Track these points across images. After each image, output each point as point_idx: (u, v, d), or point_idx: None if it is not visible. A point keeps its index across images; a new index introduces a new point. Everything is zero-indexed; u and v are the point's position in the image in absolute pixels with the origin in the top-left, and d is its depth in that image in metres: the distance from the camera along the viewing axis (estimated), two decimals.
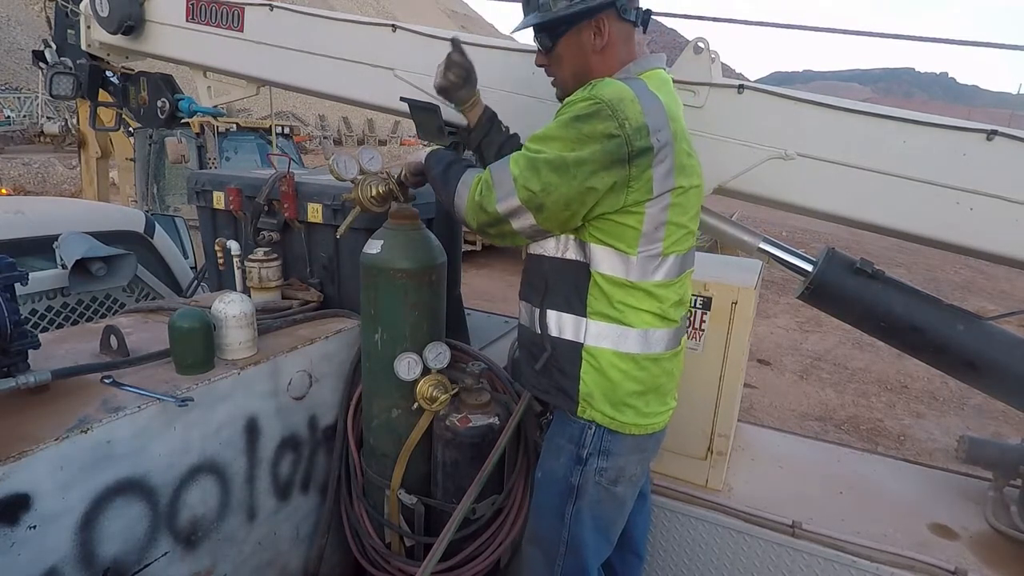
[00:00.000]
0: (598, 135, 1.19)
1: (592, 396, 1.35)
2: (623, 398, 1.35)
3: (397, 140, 31.82)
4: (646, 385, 1.36)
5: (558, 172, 1.20)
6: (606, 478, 1.39)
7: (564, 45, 1.38)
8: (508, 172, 1.25)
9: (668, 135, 1.23)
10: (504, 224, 1.28)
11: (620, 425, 1.36)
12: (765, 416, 5.06)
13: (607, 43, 1.34)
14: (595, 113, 1.19)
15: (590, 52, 1.35)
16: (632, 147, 1.19)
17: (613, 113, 1.18)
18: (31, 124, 21.54)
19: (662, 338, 1.36)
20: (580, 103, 1.22)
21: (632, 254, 1.28)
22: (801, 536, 1.65)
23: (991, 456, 1.80)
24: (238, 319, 1.63)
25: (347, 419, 1.92)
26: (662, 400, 1.42)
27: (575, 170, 1.19)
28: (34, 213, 2.25)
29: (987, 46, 1.74)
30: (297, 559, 1.92)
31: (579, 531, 1.43)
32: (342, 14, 2.10)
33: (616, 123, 1.18)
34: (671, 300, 1.36)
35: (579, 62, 1.37)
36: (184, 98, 2.59)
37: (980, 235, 1.47)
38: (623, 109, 1.19)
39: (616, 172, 1.20)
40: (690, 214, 1.35)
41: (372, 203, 1.72)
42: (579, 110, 1.21)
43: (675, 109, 1.31)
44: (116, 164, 6.47)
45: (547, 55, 1.42)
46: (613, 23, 1.34)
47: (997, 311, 2.33)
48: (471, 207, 1.31)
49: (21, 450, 1.16)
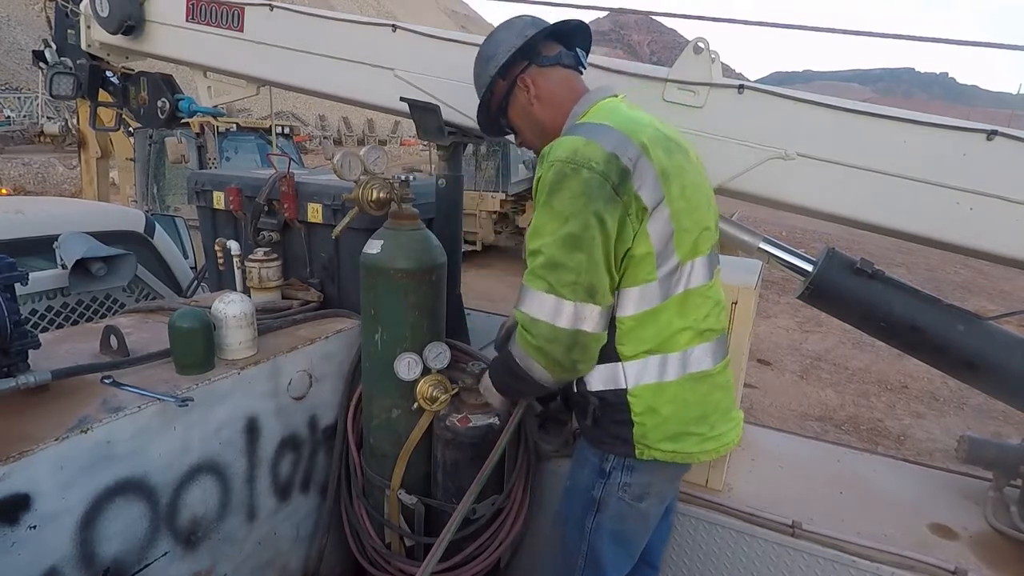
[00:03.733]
0: (578, 192, 1.17)
1: (647, 437, 1.29)
2: (682, 428, 1.30)
3: (397, 140, 31.83)
4: (703, 408, 1.32)
5: (576, 247, 1.17)
6: (630, 494, 1.36)
7: (512, 115, 1.46)
8: (536, 294, 1.21)
9: (635, 150, 1.21)
10: (580, 337, 1.20)
11: (685, 456, 1.31)
12: (765, 416, 5.06)
13: (541, 94, 1.39)
14: (562, 177, 1.19)
15: (531, 108, 1.41)
16: (612, 179, 1.18)
17: (577, 165, 1.18)
18: (31, 124, 21.53)
19: (705, 353, 1.31)
20: (545, 177, 1.22)
21: (653, 279, 1.24)
22: (801, 536, 1.65)
23: (991, 456, 1.79)
24: (238, 319, 1.63)
25: (347, 419, 1.92)
26: (727, 417, 1.37)
27: (586, 233, 1.17)
28: (34, 213, 2.25)
29: (987, 46, 1.74)
30: (297, 559, 1.92)
31: (598, 544, 1.41)
32: (342, 14, 2.10)
33: (585, 170, 1.17)
34: (704, 310, 1.31)
35: (529, 121, 1.44)
36: (184, 98, 2.59)
37: (980, 235, 1.47)
38: (583, 156, 1.18)
39: (613, 208, 1.18)
40: (697, 213, 1.29)
41: (371, 207, 1.73)
42: (548, 185, 1.21)
43: (633, 125, 1.27)
44: (116, 164, 6.47)
45: (513, 132, 1.51)
46: (537, 75, 1.39)
47: (997, 311, 2.33)
48: (541, 357, 1.23)
49: (21, 450, 1.16)
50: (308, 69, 2.11)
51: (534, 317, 1.21)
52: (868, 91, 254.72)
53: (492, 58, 1.41)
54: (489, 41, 1.45)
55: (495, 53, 1.41)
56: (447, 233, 1.97)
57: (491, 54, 1.41)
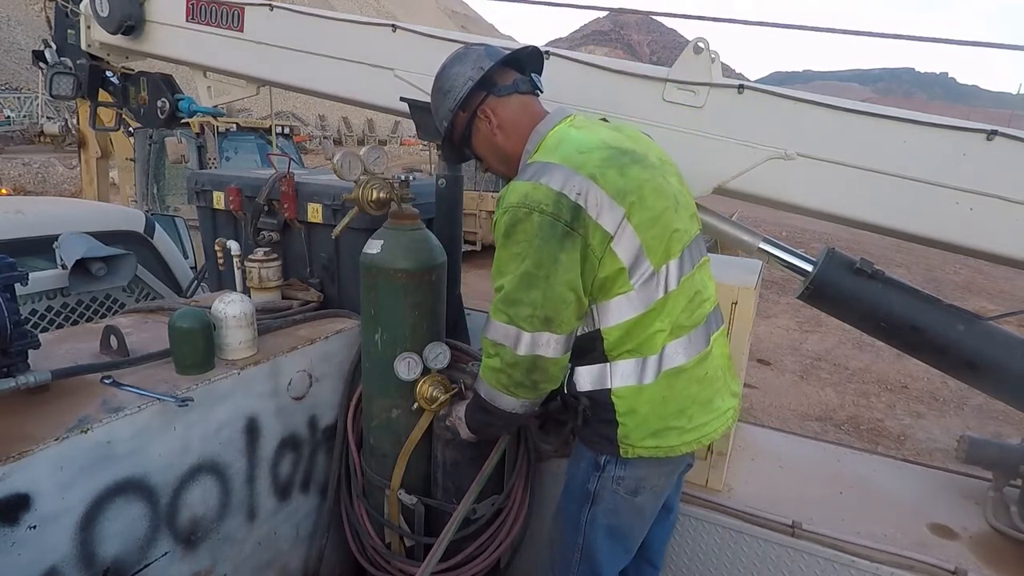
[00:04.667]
0: (532, 234, 1.23)
1: (629, 436, 1.33)
2: (663, 424, 1.33)
3: (397, 140, 31.86)
4: (680, 402, 1.34)
5: (531, 284, 1.24)
6: (624, 487, 1.37)
7: (476, 144, 1.48)
8: (498, 325, 1.29)
9: (582, 181, 1.23)
10: (539, 361, 1.28)
11: (668, 450, 1.34)
12: (765, 416, 5.07)
13: (502, 123, 1.42)
14: (516, 222, 1.25)
15: (494, 138, 1.44)
16: (562, 218, 1.22)
17: (528, 210, 1.23)
18: (31, 124, 21.54)
19: (677, 349, 1.33)
20: (500, 221, 1.29)
21: (629, 290, 1.28)
22: (801, 536, 1.65)
23: (991, 456, 1.79)
24: (238, 319, 1.63)
25: (347, 419, 1.92)
26: (707, 408, 1.38)
27: (541, 271, 1.23)
28: (34, 213, 2.25)
29: (987, 46, 1.74)
30: (297, 559, 1.92)
31: (593, 537, 1.42)
32: (342, 14, 2.10)
33: (537, 214, 1.22)
34: (680, 305, 1.33)
35: (492, 150, 1.46)
36: (184, 98, 2.59)
37: (980, 235, 1.47)
38: (532, 200, 1.23)
39: (571, 243, 1.23)
40: (664, 218, 1.30)
41: (371, 207, 1.73)
42: (504, 229, 1.27)
43: (579, 157, 1.28)
44: (116, 164, 6.47)
45: (478, 160, 1.54)
46: (497, 104, 1.42)
47: (997, 311, 2.33)
48: (505, 384, 1.32)
49: (21, 450, 1.16)
50: (308, 69, 2.11)
51: (497, 342, 1.30)
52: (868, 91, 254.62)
53: (450, 92, 1.43)
54: (443, 76, 1.46)
55: (452, 87, 1.43)
56: (447, 233, 1.97)
57: (448, 88, 1.43)
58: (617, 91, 1.69)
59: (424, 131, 1.91)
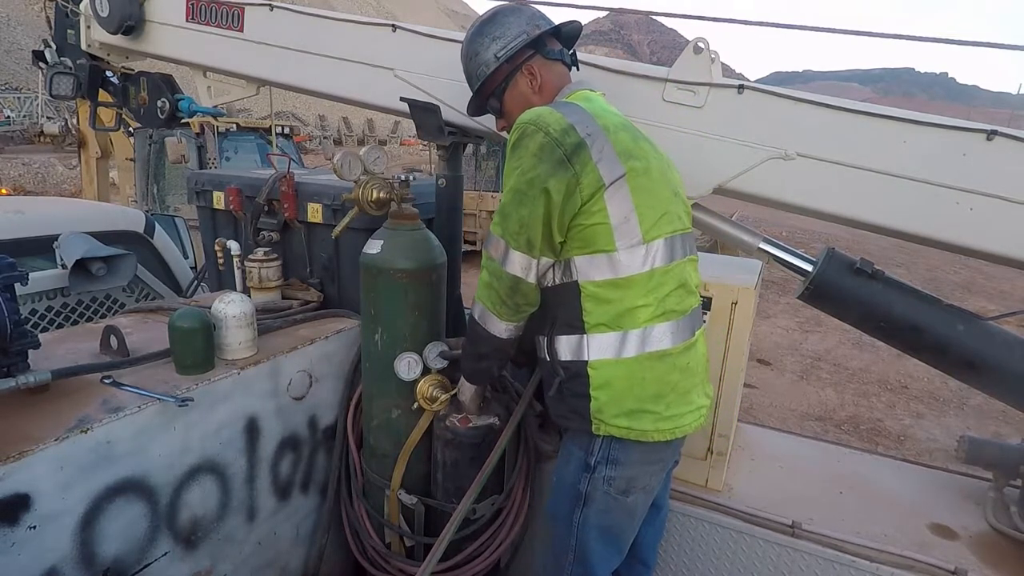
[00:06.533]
0: (533, 151, 1.27)
1: (602, 411, 1.32)
2: (638, 405, 1.32)
3: (397, 140, 31.85)
4: (659, 386, 1.33)
5: (521, 202, 1.28)
6: (615, 488, 1.37)
7: (509, 99, 1.50)
8: (492, 237, 1.35)
9: (596, 127, 1.29)
10: (520, 283, 1.33)
11: (640, 434, 1.33)
12: (765, 416, 5.06)
13: (543, 84, 1.46)
14: (522, 136, 1.30)
15: (530, 95, 1.47)
16: (564, 146, 1.26)
17: (536, 127, 1.28)
18: (31, 124, 21.56)
19: (665, 333, 1.33)
20: (511, 137, 1.34)
21: (612, 250, 1.29)
22: (801, 536, 1.65)
23: (991, 456, 1.79)
24: (238, 319, 1.63)
25: (347, 419, 1.92)
26: (685, 399, 1.38)
27: (530, 191, 1.27)
28: (34, 213, 2.25)
29: (987, 46, 1.74)
30: (297, 559, 1.92)
31: (586, 538, 1.42)
32: (342, 14, 2.10)
33: (542, 133, 1.27)
34: (668, 287, 1.33)
35: (524, 108, 1.45)
36: (184, 98, 2.59)
37: (980, 235, 1.47)
38: (543, 121, 1.28)
39: (562, 174, 1.26)
40: (661, 195, 1.34)
41: (370, 207, 1.73)
42: (513, 142, 1.32)
43: (603, 112, 1.36)
44: (116, 164, 6.48)
45: (500, 114, 1.55)
46: (542, 66, 1.46)
47: (997, 311, 2.33)
48: (494, 301, 1.38)
49: (21, 450, 1.16)
50: (308, 69, 2.11)
51: (491, 256, 1.36)
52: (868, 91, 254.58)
53: (499, 39, 1.44)
54: (494, 22, 1.47)
55: (502, 35, 1.44)
56: (447, 233, 1.97)
57: (497, 35, 1.45)
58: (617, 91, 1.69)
59: (424, 131, 1.91)
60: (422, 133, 1.92)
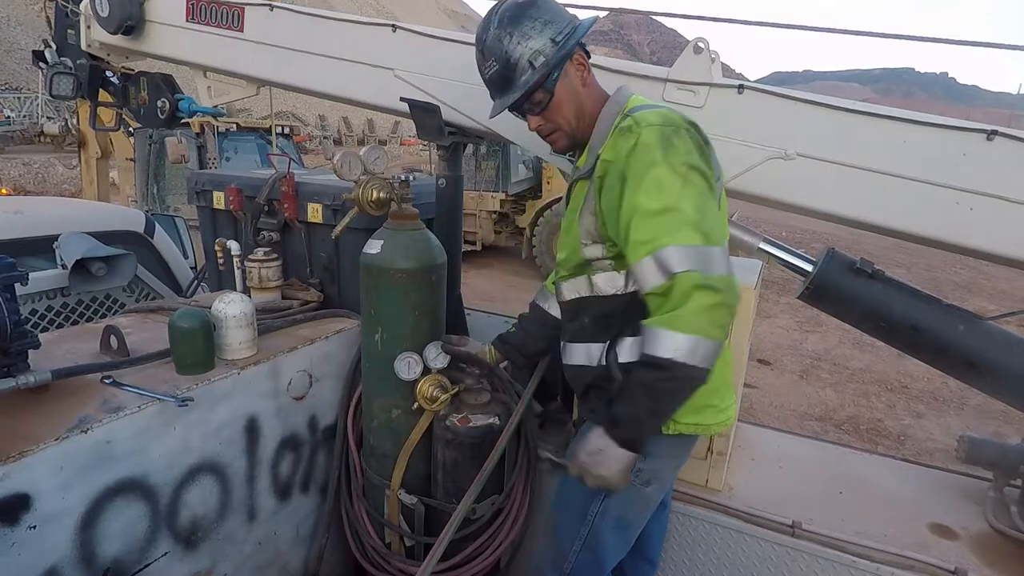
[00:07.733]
0: (691, 148, 1.20)
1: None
2: (705, 400, 1.28)
3: (397, 140, 31.83)
4: (717, 380, 1.26)
5: (708, 198, 1.20)
6: (640, 478, 1.36)
7: (560, 91, 1.34)
8: (697, 248, 1.13)
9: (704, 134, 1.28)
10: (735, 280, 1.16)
11: (704, 428, 1.32)
12: (765, 416, 5.06)
13: (588, 78, 1.38)
14: (669, 135, 1.20)
15: (580, 87, 1.36)
16: (703, 140, 1.25)
17: (676, 127, 1.21)
18: (31, 124, 21.55)
19: None
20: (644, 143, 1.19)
21: None
22: (801, 536, 1.65)
23: (991, 456, 1.79)
24: (238, 319, 1.63)
25: (347, 419, 1.92)
26: (731, 391, 1.38)
27: (704, 184, 1.19)
28: (34, 213, 2.25)
29: (987, 46, 1.74)
30: (297, 559, 1.92)
31: (601, 529, 1.41)
32: (342, 14, 2.10)
33: (684, 130, 1.22)
34: None
35: (576, 100, 1.36)
36: (184, 98, 2.59)
37: (980, 235, 1.47)
38: (674, 119, 1.23)
39: (708, 163, 1.24)
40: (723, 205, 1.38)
41: (371, 207, 1.73)
42: (657, 146, 1.18)
43: None
44: (116, 164, 6.47)
45: (542, 112, 1.36)
46: (583, 60, 1.37)
47: (997, 311, 2.33)
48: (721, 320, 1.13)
49: (21, 450, 1.16)
50: (308, 69, 2.11)
51: (707, 272, 1.12)
52: (868, 91, 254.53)
53: (551, 23, 1.28)
54: (536, 4, 1.29)
55: (554, 19, 1.29)
56: (447, 233, 1.97)
57: (548, 19, 1.28)
58: None
59: (424, 131, 1.91)
60: (422, 133, 1.92)
